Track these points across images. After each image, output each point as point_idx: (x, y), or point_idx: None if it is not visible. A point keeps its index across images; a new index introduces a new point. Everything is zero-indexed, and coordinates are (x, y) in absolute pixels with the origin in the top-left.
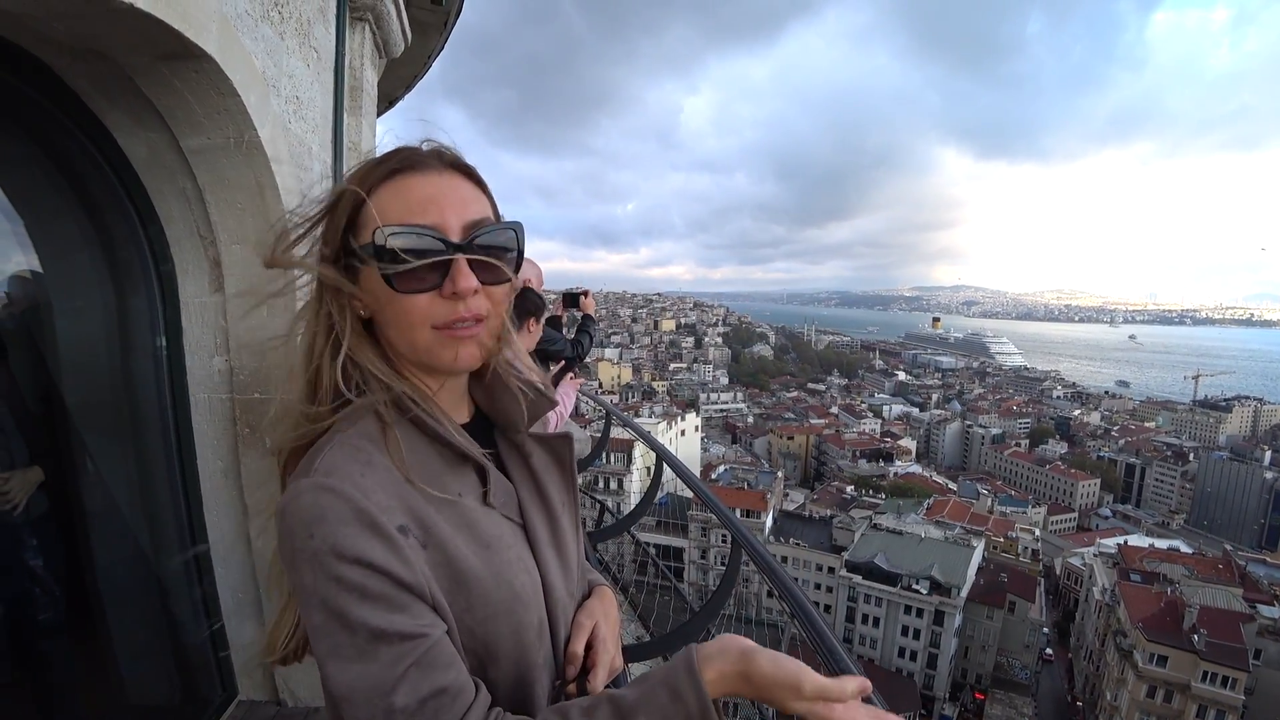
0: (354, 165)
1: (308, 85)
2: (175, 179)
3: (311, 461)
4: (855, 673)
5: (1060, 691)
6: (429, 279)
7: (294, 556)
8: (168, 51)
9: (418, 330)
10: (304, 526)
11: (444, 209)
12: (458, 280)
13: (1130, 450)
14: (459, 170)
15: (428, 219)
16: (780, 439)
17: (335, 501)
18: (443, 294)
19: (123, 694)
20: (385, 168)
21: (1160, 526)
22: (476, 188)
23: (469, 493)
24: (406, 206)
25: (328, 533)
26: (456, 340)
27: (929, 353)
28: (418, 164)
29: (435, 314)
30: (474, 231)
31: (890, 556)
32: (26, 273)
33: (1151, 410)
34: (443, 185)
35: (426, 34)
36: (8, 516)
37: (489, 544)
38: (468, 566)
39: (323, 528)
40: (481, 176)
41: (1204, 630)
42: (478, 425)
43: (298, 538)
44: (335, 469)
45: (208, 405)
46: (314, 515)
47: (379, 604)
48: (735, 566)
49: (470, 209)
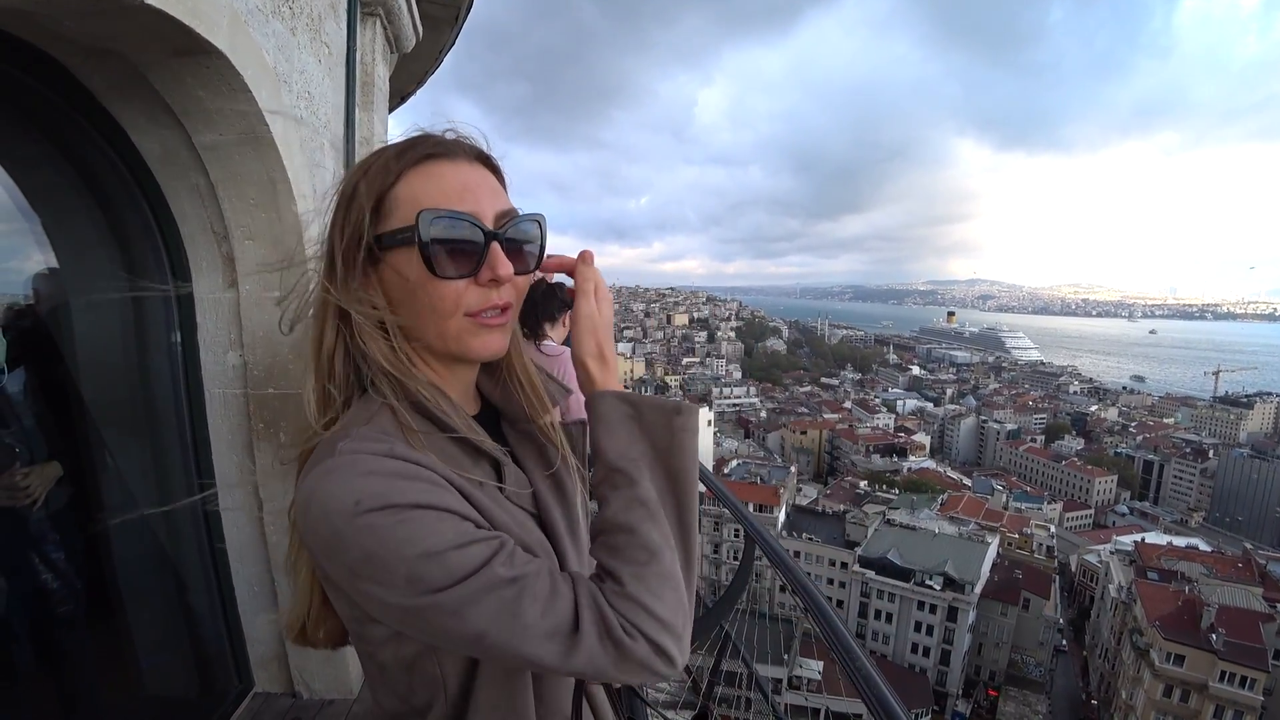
0: (370, 153)
1: (319, 80)
2: (188, 175)
3: (331, 447)
4: (877, 677)
5: (1075, 689)
6: (466, 265)
7: (339, 535)
8: (179, 48)
9: (450, 317)
10: (347, 496)
11: (479, 198)
12: (497, 267)
13: (1148, 447)
14: (483, 162)
15: (465, 206)
16: (793, 434)
17: (371, 463)
18: (479, 281)
19: (141, 685)
20: (417, 152)
21: (1179, 524)
22: (498, 180)
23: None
24: (443, 193)
25: (376, 491)
26: (485, 328)
27: (943, 347)
28: (448, 152)
29: (469, 301)
30: (505, 221)
31: (903, 552)
32: (44, 270)
33: (1170, 406)
34: (474, 174)
35: (438, 28)
36: (28, 511)
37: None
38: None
39: (368, 488)
40: (501, 169)
41: (1222, 630)
42: (486, 417)
43: (341, 513)
44: (360, 446)
45: (222, 400)
46: (354, 484)
47: (451, 525)
48: (749, 562)
49: (499, 199)
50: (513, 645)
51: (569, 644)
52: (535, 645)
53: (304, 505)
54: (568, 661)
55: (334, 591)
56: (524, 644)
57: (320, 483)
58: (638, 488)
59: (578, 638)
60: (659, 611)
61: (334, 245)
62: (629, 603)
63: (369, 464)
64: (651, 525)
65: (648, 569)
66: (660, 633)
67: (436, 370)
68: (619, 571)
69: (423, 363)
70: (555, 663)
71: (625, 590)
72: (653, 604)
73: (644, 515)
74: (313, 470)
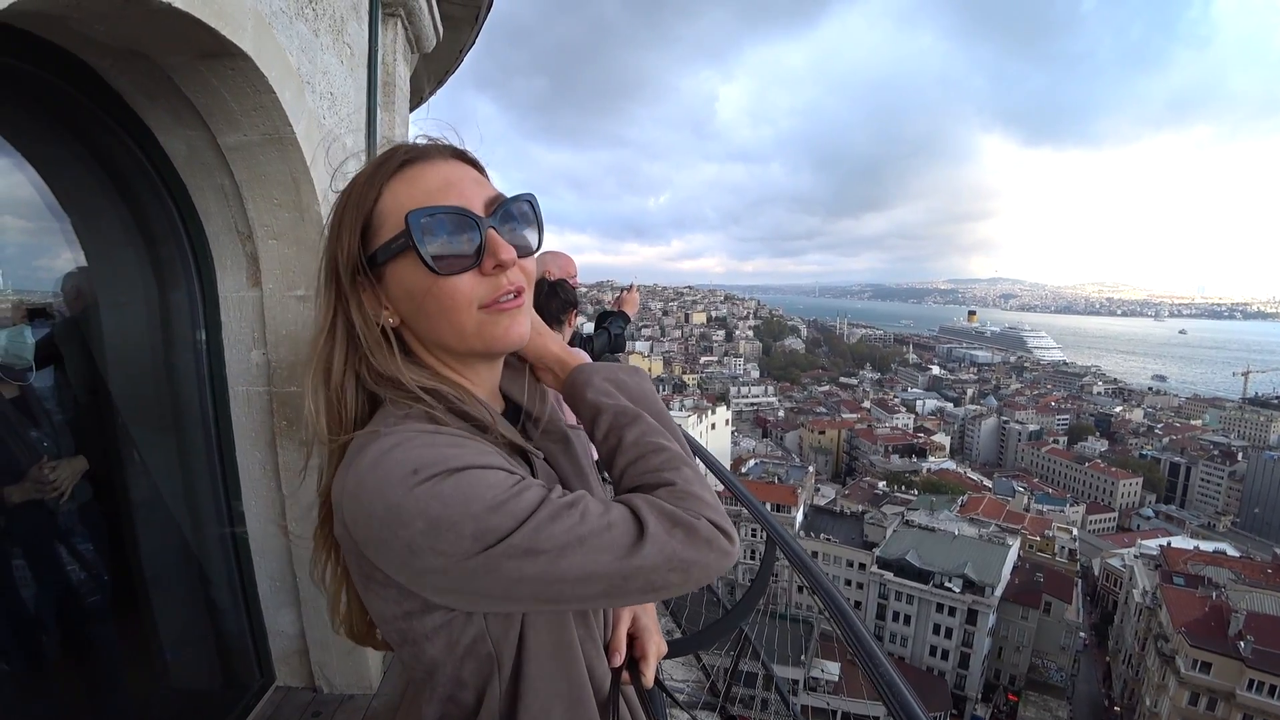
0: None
1: (341, 81)
2: (213, 175)
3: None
4: (899, 681)
5: (1097, 695)
6: (467, 258)
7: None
8: (206, 50)
9: (465, 313)
10: (403, 472)
11: (464, 190)
12: (499, 252)
13: (1175, 449)
14: (461, 158)
15: (450, 200)
16: (811, 433)
17: (421, 438)
18: (483, 270)
19: (165, 676)
20: (392, 163)
21: (1206, 528)
22: (479, 172)
23: None
24: (425, 193)
25: (433, 459)
26: (504, 313)
27: (964, 347)
28: (423, 155)
29: (479, 293)
30: (495, 207)
31: (922, 554)
32: (74, 269)
33: (1198, 408)
34: (453, 170)
35: (458, 28)
36: (55, 504)
37: None
38: None
39: (425, 459)
40: (480, 162)
41: (1251, 637)
42: (509, 416)
43: (398, 488)
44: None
45: (246, 398)
46: (407, 460)
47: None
48: (769, 564)
49: (485, 188)
50: (589, 558)
51: (638, 542)
52: (609, 552)
53: (354, 491)
54: (641, 555)
55: (378, 590)
56: (599, 553)
57: (373, 464)
58: (644, 420)
59: (645, 533)
60: (709, 499)
61: (335, 274)
62: (685, 497)
63: (419, 439)
64: (673, 442)
65: (687, 470)
66: (717, 515)
67: (459, 372)
68: (666, 478)
69: (444, 367)
70: (631, 562)
71: (677, 489)
72: (703, 493)
73: (664, 437)
74: (356, 458)
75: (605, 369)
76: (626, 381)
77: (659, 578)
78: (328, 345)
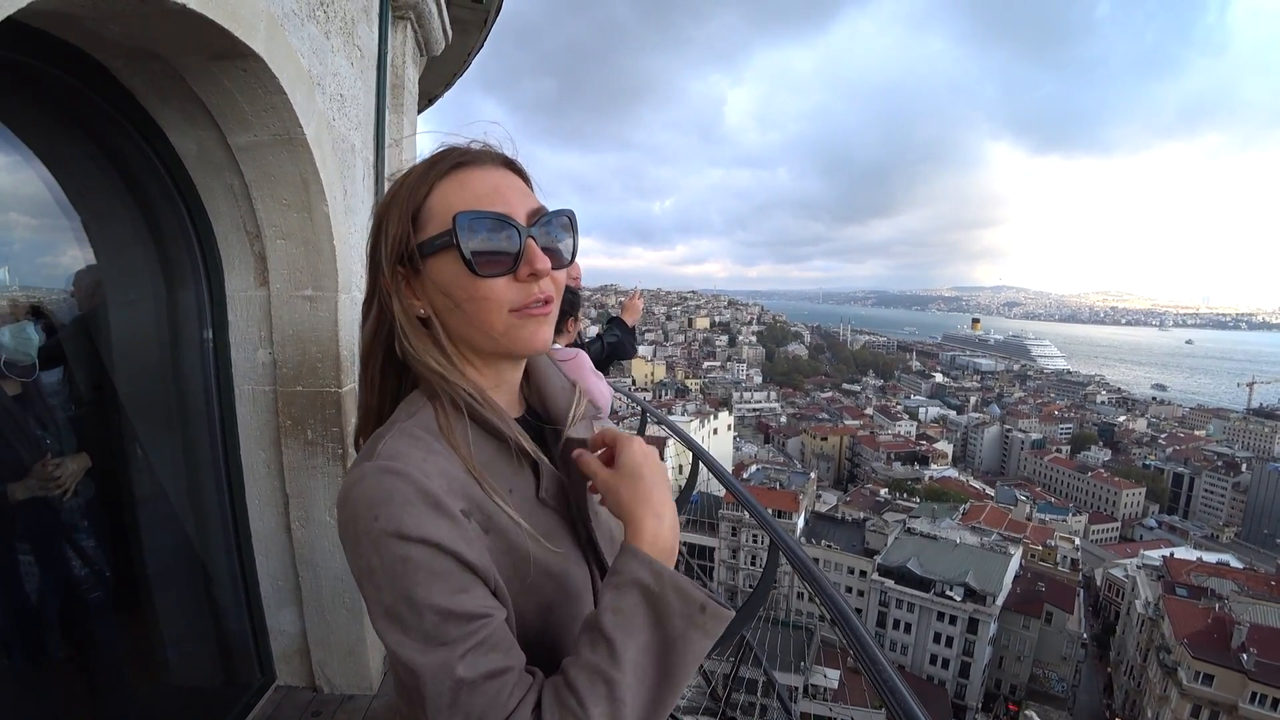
0: (401, 170)
1: (351, 83)
2: (223, 175)
3: (374, 447)
4: (904, 690)
5: (1098, 706)
6: (505, 262)
7: (358, 540)
8: (218, 51)
9: (496, 315)
10: (368, 509)
11: (509, 198)
12: (534, 261)
13: (1179, 459)
14: (509, 167)
15: (497, 206)
16: (814, 439)
17: (399, 483)
18: (518, 277)
19: (167, 674)
20: (445, 164)
21: (1209, 539)
22: (525, 183)
23: (523, 486)
24: (474, 197)
25: (393, 513)
26: (531, 319)
27: (967, 354)
28: (475, 160)
29: (511, 297)
30: (537, 218)
31: (924, 561)
32: (84, 268)
33: (1202, 418)
34: (502, 178)
35: (467, 32)
36: (58, 501)
37: (544, 536)
38: (525, 556)
39: (388, 509)
40: (527, 171)
41: (1254, 649)
42: (528, 421)
43: (361, 520)
44: (398, 454)
45: (251, 397)
46: (378, 497)
47: (446, 584)
48: (772, 570)
49: (529, 199)
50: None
51: None
52: None
53: (341, 498)
54: None
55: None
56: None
57: (353, 486)
58: (644, 635)
59: None
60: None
61: (379, 261)
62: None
63: (396, 484)
64: (638, 674)
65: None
66: None
67: (482, 372)
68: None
69: (468, 364)
70: None
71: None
72: None
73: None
74: (355, 467)
75: (661, 588)
76: (670, 614)
77: None
78: (368, 329)
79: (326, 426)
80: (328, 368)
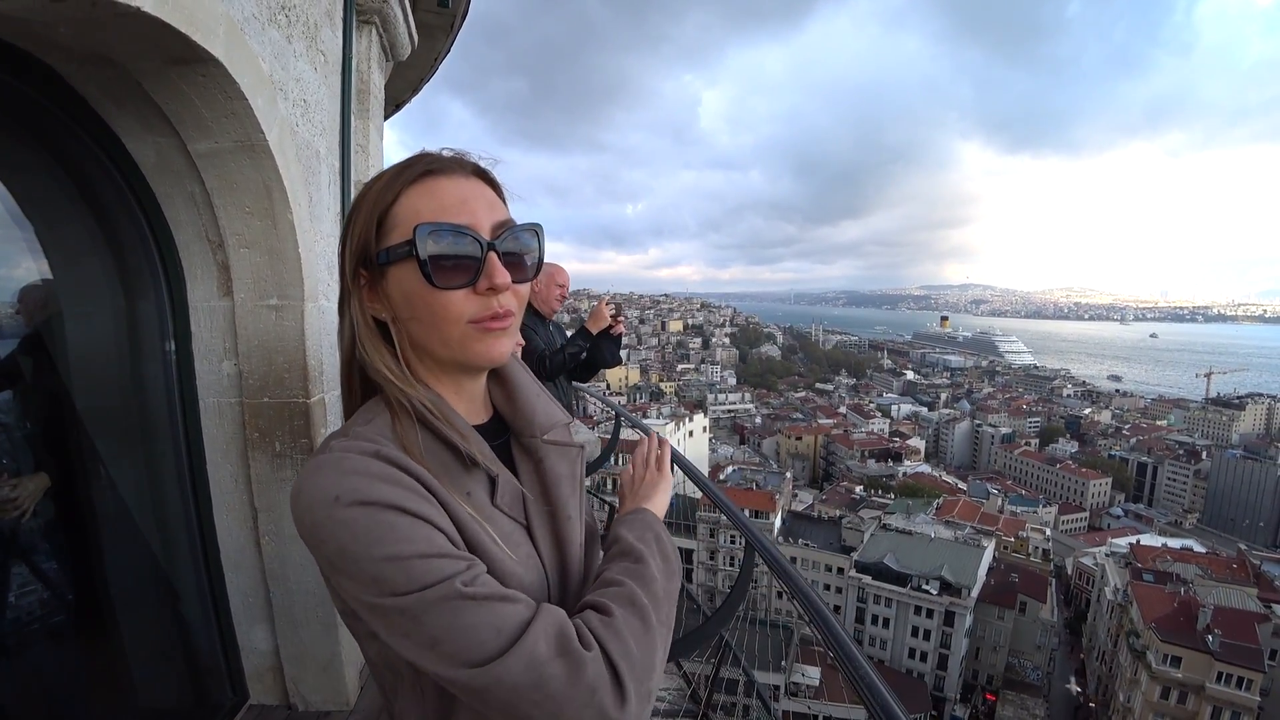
0: (376, 174)
1: (315, 88)
2: (183, 183)
3: (326, 444)
4: (880, 684)
5: (1073, 692)
6: (465, 275)
7: (319, 527)
8: (176, 56)
9: (452, 326)
10: (324, 493)
11: (475, 210)
12: (494, 276)
13: (1142, 449)
14: (481, 176)
15: (461, 218)
16: (788, 439)
17: (357, 460)
18: (477, 290)
19: (134, 697)
20: (414, 170)
21: (1173, 526)
22: (495, 194)
23: (479, 492)
24: (440, 206)
25: (355, 486)
26: (489, 333)
27: (937, 352)
28: (445, 168)
29: (469, 310)
30: (502, 231)
31: (900, 557)
32: (37, 279)
33: (1163, 409)
34: (471, 188)
35: (433, 36)
36: (16, 523)
37: (502, 539)
38: (486, 551)
39: (348, 484)
40: (499, 183)
41: (1218, 631)
42: (495, 426)
43: (319, 508)
44: (350, 445)
45: (217, 409)
46: (332, 480)
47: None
48: (749, 570)
49: (496, 211)
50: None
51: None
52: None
53: (294, 495)
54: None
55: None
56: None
57: (308, 476)
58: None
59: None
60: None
61: (343, 264)
62: (609, 631)
63: (353, 462)
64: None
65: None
66: (630, 669)
67: (441, 380)
68: (608, 607)
69: (428, 372)
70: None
71: (613, 621)
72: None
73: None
74: (307, 464)
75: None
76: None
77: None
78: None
79: (295, 438)
80: (295, 378)
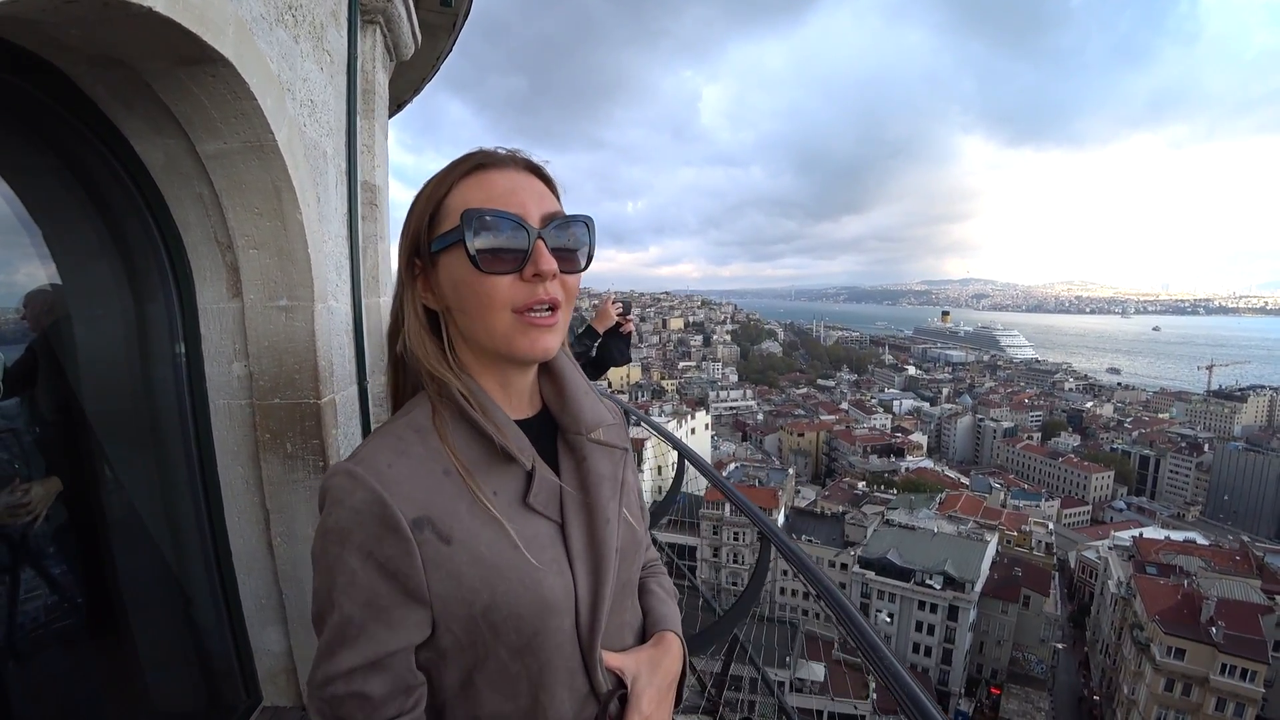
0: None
1: (321, 88)
2: (192, 184)
3: (357, 452)
4: (908, 677)
5: (1077, 686)
6: (511, 261)
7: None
8: (185, 56)
9: (498, 314)
10: (327, 506)
11: (524, 199)
12: (539, 262)
13: (1144, 442)
14: (533, 170)
15: (509, 207)
16: (790, 436)
17: (356, 488)
18: (524, 276)
19: (147, 701)
20: (466, 165)
21: (1176, 518)
22: (548, 187)
23: (509, 490)
24: (489, 196)
25: (343, 517)
26: (534, 327)
27: (939, 347)
28: (497, 162)
29: (515, 297)
30: (551, 221)
31: (903, 552)
32: (45, 285)
33: (1165, 401)
34: (521, 180)
35: (435, 36)
36: (28, 527)
37: (523, 544)
38: (494, 565)
39: (340, 511)
40: (553, 178)
41: (1222, 622)
42: (543, 422)
43: (321, 514)
44: (367, 458)
45: (227, 411)
46: (336, 498)
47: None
48: (764, 564)
49: (546, 202)
50: None
51: None
52: None
53: (320, 491)
54: None
55: None
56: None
57: (325, 480)
58: None
59: None
60: None
61: (400, 258)
62: None
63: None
64: None
65: None
66: None
67: (487, 372)
68: None
69: (474, 363)
70: None
71: None
72: None
73: None
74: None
75: None
76: None
77: None
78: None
79: (306, 439)
80: (305, 379)
